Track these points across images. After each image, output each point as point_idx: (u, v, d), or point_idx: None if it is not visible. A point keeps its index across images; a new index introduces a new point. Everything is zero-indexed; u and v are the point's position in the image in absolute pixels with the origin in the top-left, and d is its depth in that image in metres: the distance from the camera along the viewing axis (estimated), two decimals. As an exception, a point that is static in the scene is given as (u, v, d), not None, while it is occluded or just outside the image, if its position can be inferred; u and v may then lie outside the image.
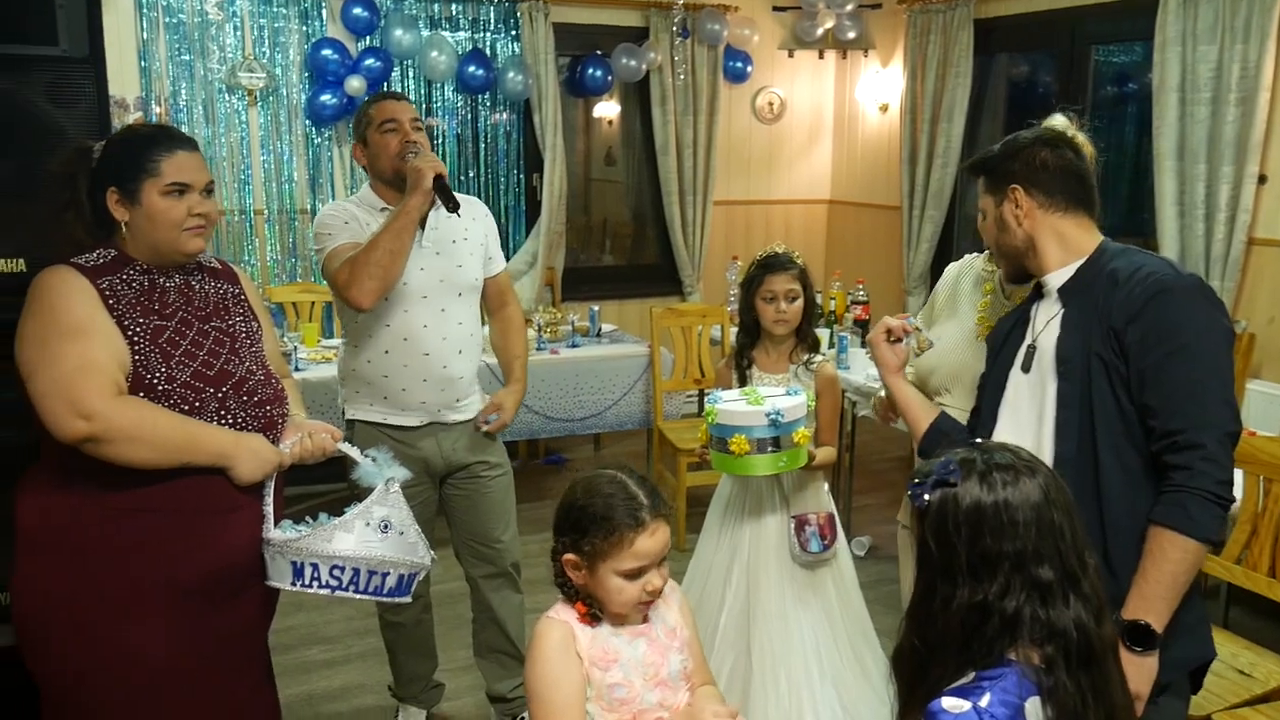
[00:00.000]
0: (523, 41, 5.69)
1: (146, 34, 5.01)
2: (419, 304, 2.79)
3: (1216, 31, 4.30)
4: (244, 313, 2.16)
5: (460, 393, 2.91)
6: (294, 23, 5.32)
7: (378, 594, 1.94)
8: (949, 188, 5.85)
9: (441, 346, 2.83)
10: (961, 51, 5.61)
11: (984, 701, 1.37)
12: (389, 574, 1.94)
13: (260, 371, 2.09)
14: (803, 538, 2.84)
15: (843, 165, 6.87)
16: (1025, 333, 2.04)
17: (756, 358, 2.99)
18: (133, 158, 1.98)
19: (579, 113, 6.46)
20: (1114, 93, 5.47)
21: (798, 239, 6.90)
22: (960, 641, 1.42)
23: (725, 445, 2.62)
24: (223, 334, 2.07)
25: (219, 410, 1.97)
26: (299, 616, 3.93)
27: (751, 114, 6.61)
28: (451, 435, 2.91)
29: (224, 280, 2.18)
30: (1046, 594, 1.41)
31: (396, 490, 1.98)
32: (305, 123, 5.41)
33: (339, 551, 1.89)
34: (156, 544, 1.92)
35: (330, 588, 1.90)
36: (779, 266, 2.91)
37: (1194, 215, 4.45)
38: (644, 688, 1.78)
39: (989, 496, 1.43)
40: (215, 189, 2.10)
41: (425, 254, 2.79)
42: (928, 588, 1.46)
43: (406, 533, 1.98)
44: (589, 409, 4.89)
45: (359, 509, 1.93)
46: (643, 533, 1.72)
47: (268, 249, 5.45)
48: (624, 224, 6.90)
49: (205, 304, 2.09)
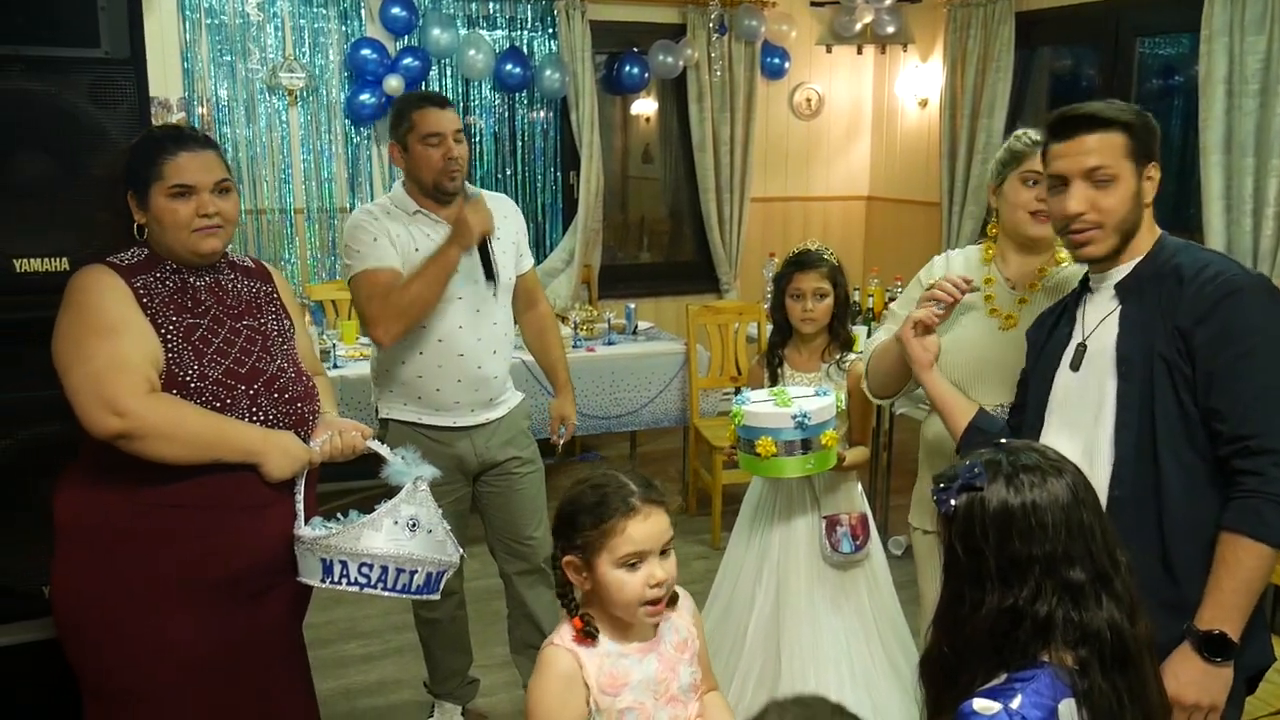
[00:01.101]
0: (560, 39, 5.70)
1: (189, 36, 5.08)
2: (454, 305, 2.80)
3: (1265, 21, 4.21)
4: (276, 311, 2.18)
5: (494, 392, 2.93)
6: (333, 23, 5.36)
7: (406, 591, 1.96)
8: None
9: (476, 347, 2.84)
10: (1003, 45, 5.54)
11: (1015, 703, 1.35)
12: (417, 571, 1.96)
13: (291, 369, 2.11)
14: (834, 538, 2.81)
15: (881, 161, 6.81)
16: (1072, 331, 1.99)
17: (788, 356, 2.97)
18: (142, 162, 2.00)
19: (616, 110, 6.46)
20: (1159, 86, 5.38)
21: (836, 235, 6.86)
22: (991, 647, 1.40)
23: (752, 447, 2.60)
24: (254, 332, 2.08)
25: (250, 407, 1.99)
26: (337, 611, 3.96)
27: (789, 110, 6.57)
28: (485, 433, 2.92)
29: (256, 279, 2.20)
30: (1079, 595, 1.38)
31: (425, 489, 2.00)
32: (345, 122, 5.46)
33: (368, 549, 1.91)
34: (186, 540, 1.94)
35: (359, 585, 1.92)
36: (808, 264, 2.89)
37: (1241, 210, 4.36)
38: (655, 707, 1.75)
39: (1016, 499, 1.40)
40: (233, 186, 2.09)
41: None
42: (955, 594, 1.44)
43: (435, 531, 1.98)
44: (625, 406, 4.89)
45: (387, 507, 1.94)
46: (634, 517, 1.69)
47: (307, 247, 5.50)
48: (661, 221, 6.89)
49: (237, 302, 2.10)
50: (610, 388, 4.84)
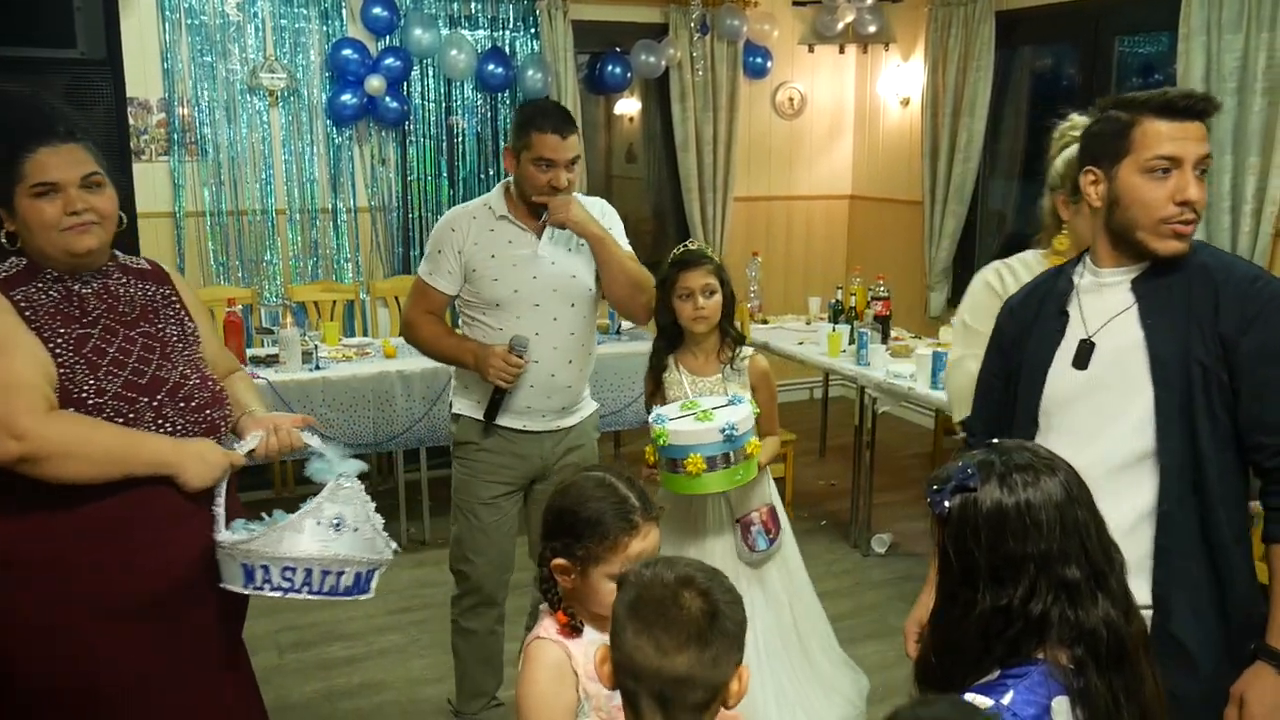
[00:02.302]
0: (542, 39, 5.69)
1: (168, 36, 5.05)
2: (531, 311, 2.82)
3: (1242, 21, 4.24)
4: (176, 315, 2.06)
5: (568, 401, 2.93)
6: (314, 23, 5.34)
7: (334, 593, 1.86)
8: (971, 182, 5.80)
9: (551, 355, 2.84)
10: (983, 44, 5.57)
11: (1006, 699, 1.35)
12: (345, 572, 1.86)
13: (195, 376, 2.00)
14: (750, 539, 2.82)
15: (864, 160, 6.83)
16: (1065, 325, 1.90)
17: (683, 360, 2.93)
18: (2, 162, 1.87)
19: (599, 110, 6.46)
20: (1138, 84, 5.40)
21: (818, 234, 6.88)
22: (984, 647, 1.40)
23: (679, 466, 2.57)
24: (152, 339, 1.97)
25: (156, 419, 1.89)
26: (320, 613, 3.95)
27: (772, 109, 6.59)
28: (554, 439, 2.93)
29: (152, 282, 2.06)
30: (1074, 594, 1.38)
31: (350, 485, 1.89)
32: (326, 122, 5.44)
33: (289, 553, 1.81)
34: (101, 564, 1.85)
35: (283, 590, 1.82)
36: (693, 263, 2.86)
37: (1220, 208, 4.39)
38: None
39: (1010, 498, 1.39)
40: (105, 180, 1.93)
41: (540, 262, 2.81)
42: (949, 595, 1.44)
43: (362, 529, 1.88)
44: (609, 407, 4.89)
45: (308, 507, 1.84)
46: (636, 536, 1.71)
47: (289, 248, 5.48)
48: (644, 221, 6.88)
49: (131, 308, 1.98)
50: (594, 388, 4.81)
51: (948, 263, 6.01)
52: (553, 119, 2.74)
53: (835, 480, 5.34)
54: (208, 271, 5.31)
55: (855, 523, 4.64)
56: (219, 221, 5.30)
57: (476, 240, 2.81)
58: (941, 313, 6.00)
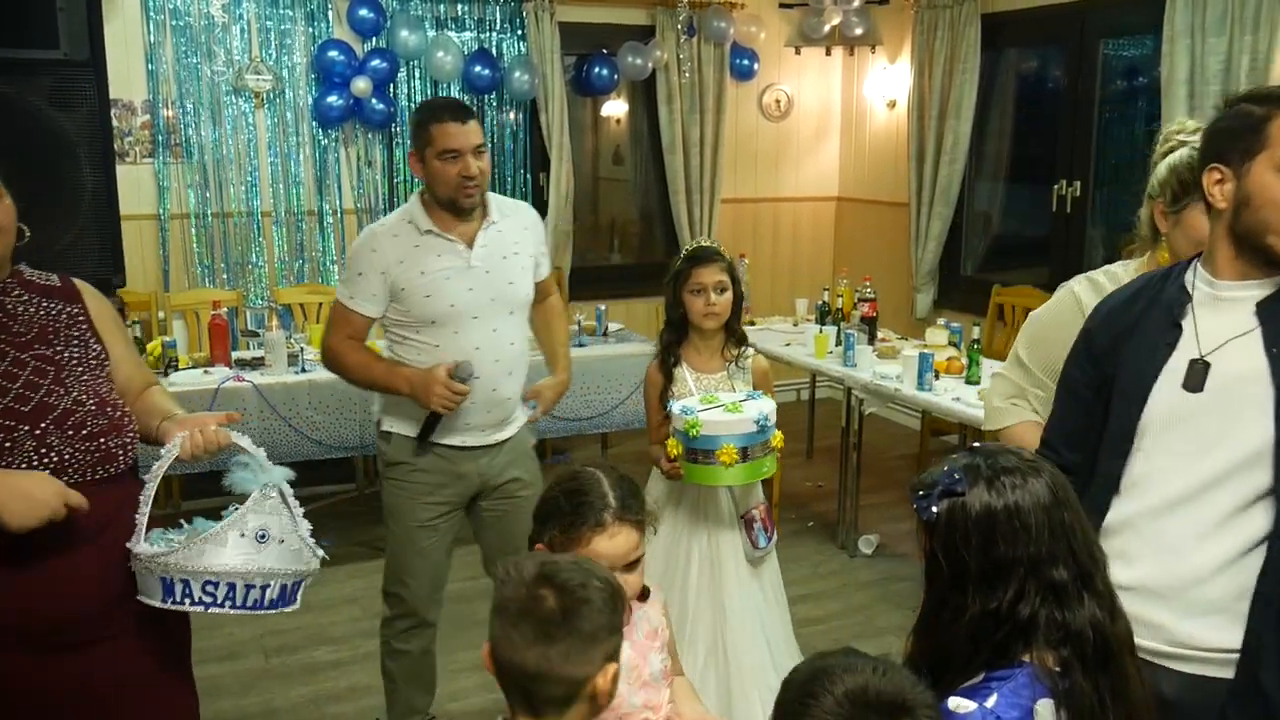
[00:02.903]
0: (529, 41, 5.69)
1: (153, 37, 5.03)
2: (469, 325, 2.71)
3: (1225, 23, 4.26)
4: (82, 335, 1.92)
5: (506, 413, 2.86)
6: (300, 24, 5.33)
7: (259, 607, 1.78)
8: (957, 184, 5.82)
9: (494, 369, 2.74)
10: (969, 47, 5.58)
11: (990, 702, 1.35)
12: (270, 585, 1.77)
13: (92, 401, 1.85)
14: (753, 535, 2.84)
15: (850, 162, 6.84)
16: (1176, 341, 1.73)
17: (687, 356, 2.94)
18: None
19: (586, 112, 6.45)
20: (1123, 87, 5.43)
21: (805, 236, 6.89)
22: (971, 650, 1.40)
23: (711, 456, 2.57)
24: (46, 362, 1.84)
25: (38, 449, 1.76)
26: (304, 617, 3.93)
27: (758, 111, 6.59)
28: (491, 453, 2.85)
29: (59, 299, 1.93)
30: (1062, 595, 1.38)
31: (275, 496, 1.80)
32: (312, 124, 5.42)
33: (210, 566, 1.71)
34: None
35: (204, 605, 1.73)
36: (706, 259, 2.88)
37: (1203, 210, 4.41)
38: (629, 691, 1.79)
39: (999, 502, 1.39)
40: (1, 191, 1.85)
41: (474, 273, 2.72)
42: (938, 600, 1.44)
43: (288, 540, 1.79)
44: (596, 408, 4.89)
45: (231, 519, 1.75)
46: (601, 534, 1.71)
47: (275, 250, 5.46)
48: (631, 222, 6.89)
49: (27, 328, 1.85)
50: (581, 390, 4.83)
51: (934, 264, 6.03)
52: (450, 109, 2.70)
53: (822, 481, 5.35)
54: (192, 274, 5.28)
55: (842, 524, 4.64)
56: (204, 224, 5.28)
57: (402, 259, 2.69)
58: (927, 314, 6.01)
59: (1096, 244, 5.41)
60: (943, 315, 5.51)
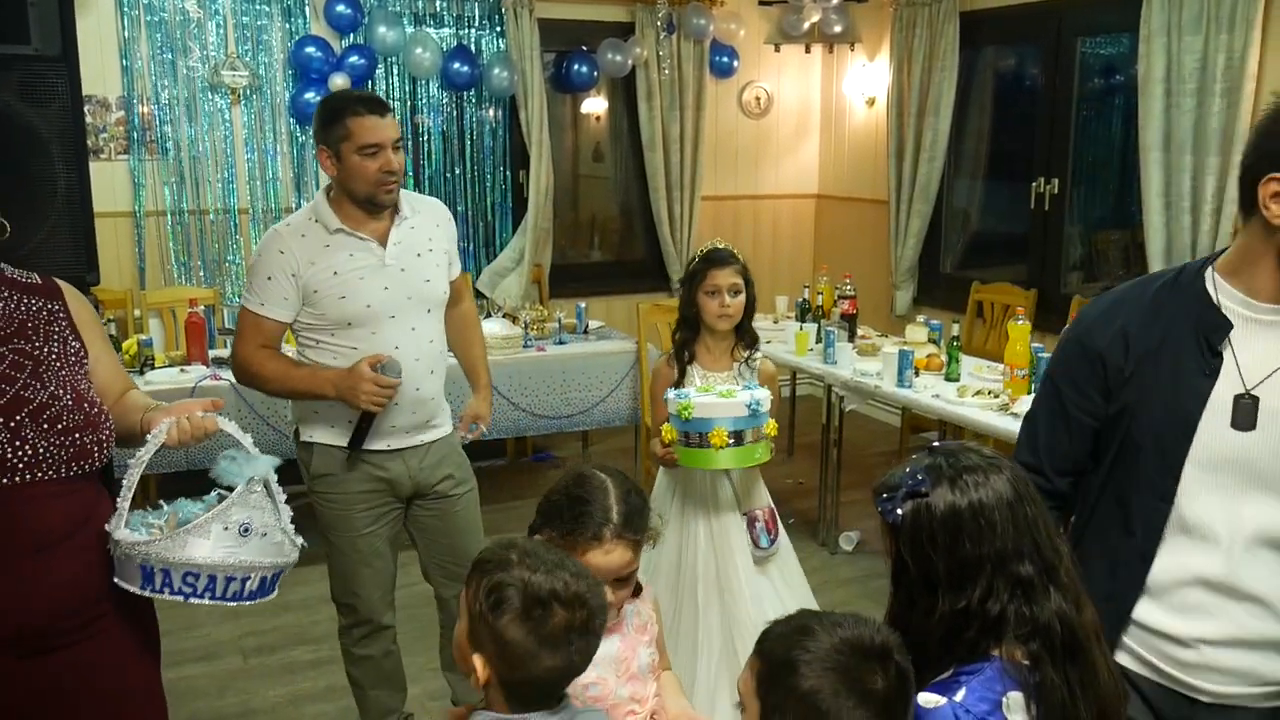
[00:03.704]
0: (508, 38, 5.66)
1: (127, 33, 4.98)
2: (387, 325, 2.64)
3: (1201, 22, 4.29)
4: (61, 332, 1.93)
5: (430, 413, 2.78)
6: (277, 20, 5.29)
7: (238, 598, 1.79)
8: (936, 181, 5.84)
9: (414, 368, 2.66)
10: (947, 45, 5.60)
11: (959, 696, 1.36)
12: (250, 577, 1.79)
13: (69, 396, 1.85)
14: (754, 534, 2.86)
15: (830, 159, 6.85)
16: (1216, 372, 1.59)
17: (698, 355, 2.96)
18: None
19: (565, 109, 6.44)
20: (1100, 85, 5.46)
21: (785, 233, 6.90)
22: (942, 650, 1.41)
23: (704, 440, 2.60)
24: (24, 356, 1.84)
25: (12, 441, 1.76)
26: (284, 617, 3.90)
27: (738, 108, 6.59)
28: (418, 455, 2.77)
29: (40, 296, 1.94)
30: (1029, 589, 1.39)
31: (260, 490, 1.81)
32: (289, 121, 5.38)
33: (191, 558, 1.72)
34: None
35: (184, 595, 1.74)
36: (722, 261, 2.90)
37: (1180, 207, 4.45)
38: (617, 684, 1.82)
39: (963, 500, 1.40)
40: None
41: (389, 271, 2.64)
42: (906, 600, 1.44)
43: (270, 533, 1.80)
44: (576, 406, 4.88)
45: (216, 511, 1.75)
46: (596, 549, 1.72)
47: (252, 248, 5.42)
48: (611, 220, 6.88)
49: (7, 323, 1.86)
50: (561, 387, 4.83)
51: (913, 261, 6.05)
52: (366, 102, 2.62)
53: (803, 479, 5.36)
54: (169, 272, 5.24)
55: (823, 521, 4.65)
56: (180, 221, 5.23)
57: (313, 260, 2.59)
58: (907, 311, 6.03)
59: (1074, 241, 5.44)
60: (922, 312, 5.53)
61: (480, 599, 1.42)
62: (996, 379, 4.11)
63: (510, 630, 1.40)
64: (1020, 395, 3.79)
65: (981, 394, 3.90)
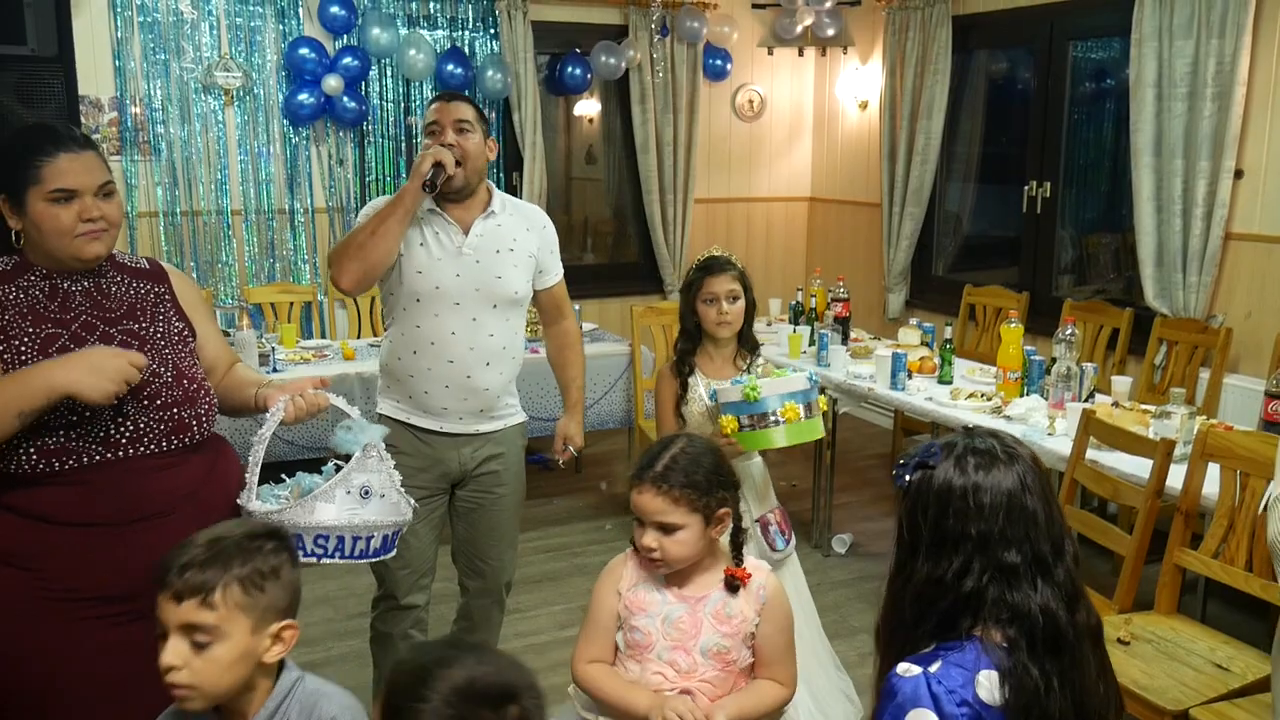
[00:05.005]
0: (501, 40, 5.67)
1: (121, 33, 4.96)
2: (450, 310, 2.73)
3: (1192, 26, 4.32)
4: (166, 313, 2.07)
5: (486, 404, 2.83)
6: (270, 21, 5.28)
7: (365, 556, 1.98)
8: (929, 185, 5.85)
9: (467, 356, 2.75)
10: (940, 48, 5.62)
11: (934, 668, 1.41)
12: (374, 536, 1.97)
13: (169, 373, 1.99)
14: (769, 538, 2.87)
15: (823, 162, 6.87)
16: None
17: (700, 363, 2.97)
18: (16, 163, 1.89)
19: (559, 111, 6.44)
20: (1092, 89, 5.49)
21: (778, 236, 6.91)
22: (917, 614, 1.47)
23: (765, 420, 2.64)
24: (132, 336, 1.98)
25: (114, 418, 1.89)
26: (278, 619, 3.89)
27: (731, 112, 6.61)
28: (474, 444, 2.85)
29: (149, 280, 2.09)
30: (1012, 577, 1.44)
31: (375, 454, 1.98)
32: (283, 122, 5.38)
33: (321, 521, 1.90)
34: (67, 557, 1.86)
35: (316, 556, 1.91)
36: (718, 268, 2.92)
37: (1171, 211, 4.47)
38: (660, 641, 2.00)
39: (960, 479, 1.46)
40: (115, 189, 1.99)
41: (464, 260, 2.72)
42: (899, 565, 1.52)
43: (388, 494, 1.98)
44: (570, 408, 4.87)
45: (339, 477, 1.93)
46: (635, 487, 2.01)
47: (245, 249, 5.41)
48: (604, 222, 6.88)
49: (119, 306, 2.01)
50: (554, 389, 4.81)
51: (906, 264, 6.06)
52: (440, 94, 2.68)
53: (796, 481, 5.36)
54: (161, 273, 5.22)
55: (816, 523, 4.66)
56: (173, 222, 5.22)
57: (410, 222, 2.71)
58: (899, 314, 6.05)
59: (1066, 245, 5.46)
60: (915, 315, 5.54)
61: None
62: (989, 381, 4.13)
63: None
64: (1013, 398, 3.81)
65: (974, 396, 3.92)
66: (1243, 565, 2.78)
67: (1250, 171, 4.31)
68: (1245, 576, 2.77)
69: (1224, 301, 4.44)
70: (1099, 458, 3.19)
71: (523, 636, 3.81)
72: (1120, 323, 4.72)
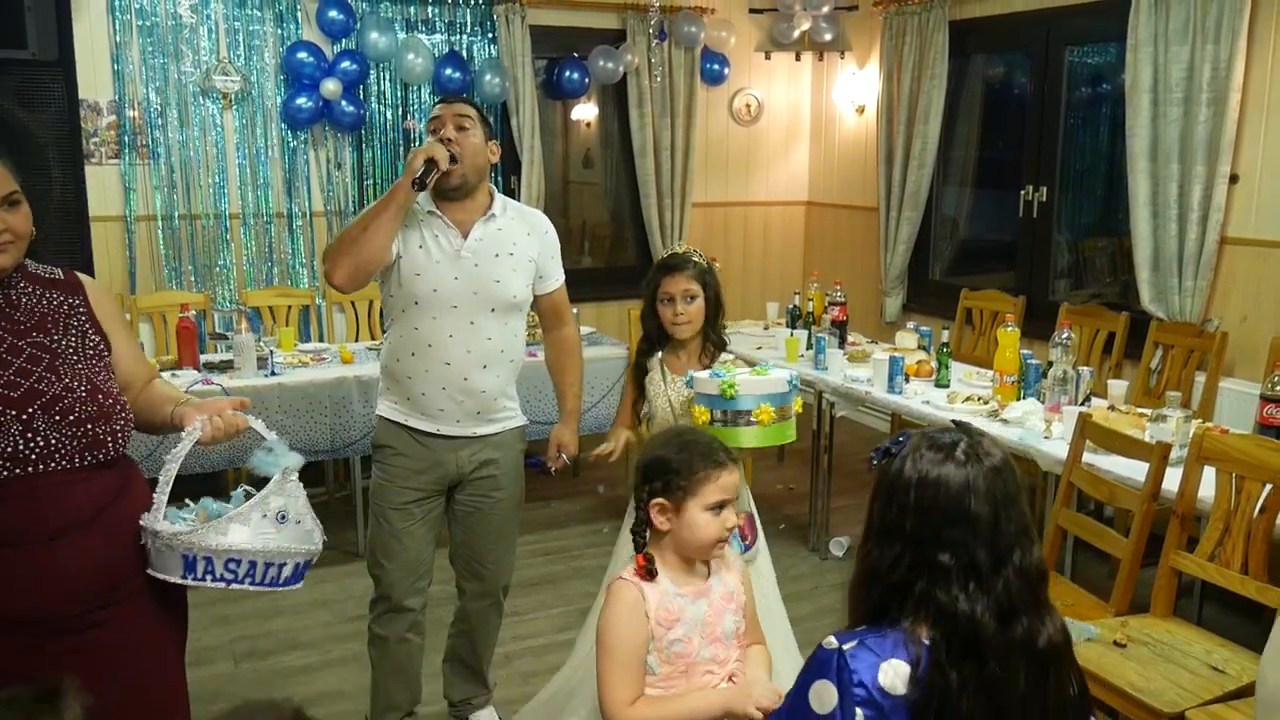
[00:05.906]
0: (499, 44, 5.68)
1: (120, 37, 4.97)
2: (448, 312, 2.73)
3: (1188, 32, 4.33)
4: (80, 326, 1.99)
5: (483, 406, 2.83)
6: (269, 26, 5.29)
7: (274, 584, 1.90)
8: (925, 189, 5.87)
9: (464, 359, 2.75)
10: (937, 53, 5.64)
11: (849, 646, 1.44)
12: (285, 564, 1.91)
13: (83, 388, 1.91)
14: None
15: (820, 167, 6.89)
16: None
17: (667, 361, 2.95)
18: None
19: (556, 115, 6.45)
20: (1088, 94, 5.51)
21: (776, 240, 6.93)
22: (861, 595, 1.51)
23: (740, 418, 2.62)
24: (41, 350, 1.91)
25: (24, 432, 1.81)
26: (277, 621, 3.90)
27: (729, 116, 6.62)
28: (472, 447, 2.85)
29: (62, 291, 2.00)
30: (942, 577, 1.44)
31: (294, 479, 1.93)
32: (281, 126, 5.38)
33: (234, 544, 1.83)
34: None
35: (225, 581, 1.85)
36: (675, 267, 2.90)
37: (1167, 215, 4.49)
38: (700, 644, 1.99)
39: (909, 472, 1.48)
40: (22, 199, 1.90)
41: (463, 264, 2.72)
42: (860, 544, 1.56)
43: (303, 521, 1.93)
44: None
45: (256, 499, 1.87)
46: (723, 471, 1.97)
47: (244, 252, 5.41)
48: (602, 226, 6.89)
49: (28, 317, 1.93)
50: (553, 394, 4.81)
51: (903, 268, 6.08)
52: (443, 96, 2.67)
53: (794, 484, 5.37)
54: (160, 276, 5.23)
55: (814, 526, 4.67)
56: (171, 225, 5.22)
57: (409, 224, 2.71)
58: (896, 318, 6.06)
59: (1062, 249, 5.48)
60: (912, 319, 5.55)
61: None
62: (986, 385, 4.14)
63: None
64: (1009, 401, 3.82)
65: (971, 400, 3.93)
66: (1238, 568, 2.79)
67: (1245, 176, 4.33)
68: (1241, 579, 2.78)
69: (1219, 305, 4.46)
70: (1095, 461, 3.20)
71: (520, 639, 3.81)
72: (1116, 327, 4.74)
